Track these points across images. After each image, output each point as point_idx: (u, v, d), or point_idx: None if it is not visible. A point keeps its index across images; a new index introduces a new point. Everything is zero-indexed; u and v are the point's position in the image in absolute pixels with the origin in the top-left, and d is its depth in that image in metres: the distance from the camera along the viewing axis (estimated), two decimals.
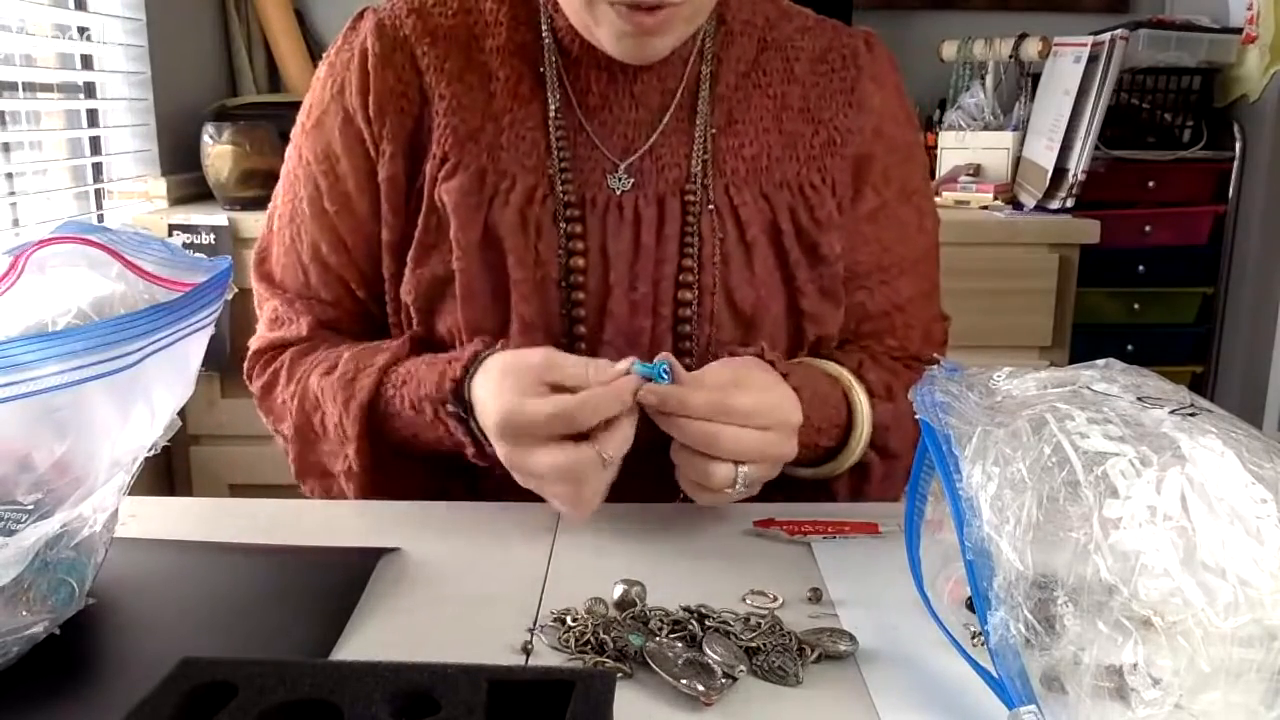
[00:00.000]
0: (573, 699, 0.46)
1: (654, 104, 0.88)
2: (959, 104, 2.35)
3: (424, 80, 0.87)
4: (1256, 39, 2.29)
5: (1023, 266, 2.01)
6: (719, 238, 0.86)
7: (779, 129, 0.89)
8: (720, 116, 0.88)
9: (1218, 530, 0.46)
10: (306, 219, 0.91)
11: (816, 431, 0.82)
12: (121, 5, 2.00)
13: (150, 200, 2.02)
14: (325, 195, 0.90)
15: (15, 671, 0.57)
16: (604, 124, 0.87)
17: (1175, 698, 0.45)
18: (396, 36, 0.88)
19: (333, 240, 0.91)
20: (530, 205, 0.85)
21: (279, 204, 0.95)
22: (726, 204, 0.87)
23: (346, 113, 0.88)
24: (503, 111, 0.86)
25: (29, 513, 0.54)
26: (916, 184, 0.96)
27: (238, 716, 0.45)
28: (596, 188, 0.86)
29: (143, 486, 0.68)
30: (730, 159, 0.88)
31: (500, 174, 0.85)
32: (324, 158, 0.90)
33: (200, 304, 0.60)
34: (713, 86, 0.88)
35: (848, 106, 0.90)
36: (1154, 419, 0.50)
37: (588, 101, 0.87)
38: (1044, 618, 0.46)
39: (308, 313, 0.92)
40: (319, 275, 0.92)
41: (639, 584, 0.64)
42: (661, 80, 0.87)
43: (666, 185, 0.87)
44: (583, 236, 0.85)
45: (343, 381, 0.84)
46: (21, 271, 0.61)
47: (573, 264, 0.85)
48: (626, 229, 0.86)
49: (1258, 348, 2.38)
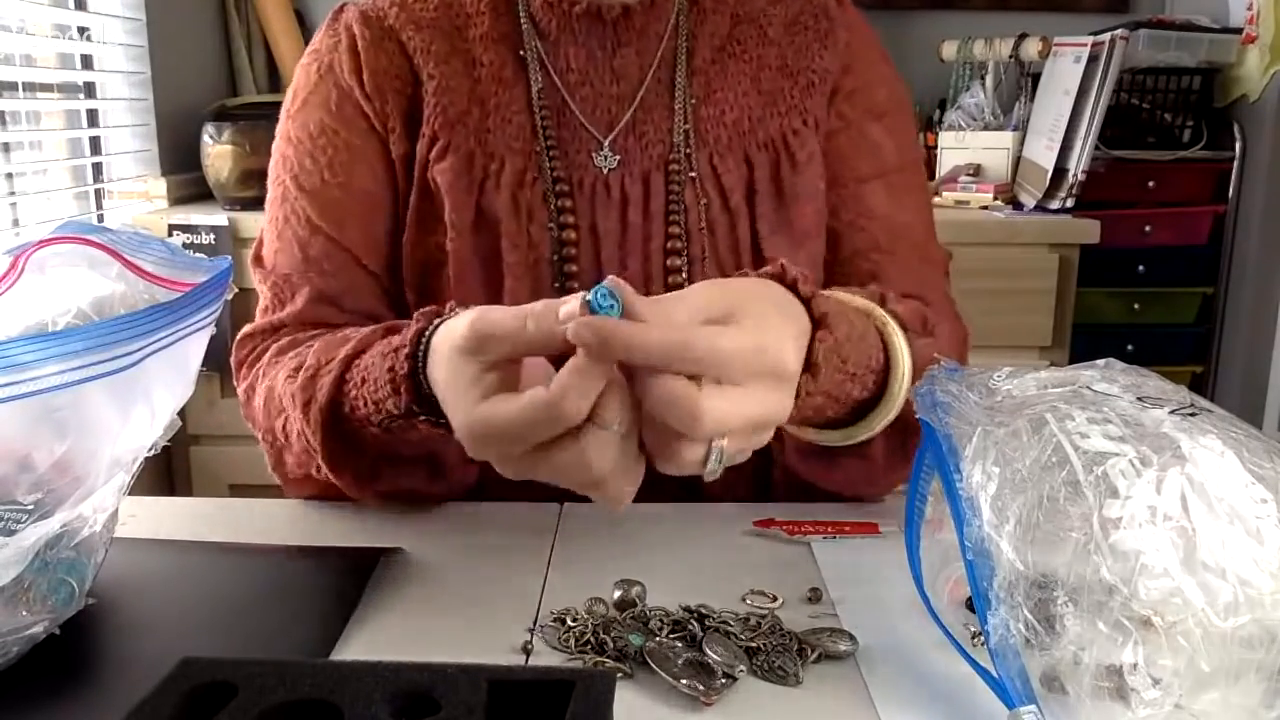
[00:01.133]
0: (573, 699, 0.46)
1: (634, 78, 0.89)
2: (959, 104, 2.35)
3: (413, 62, 0.88)
4: (1256, 39, 2.29)
5: (1023, 266, 2.01)
6: (704, 203, 0.87)
7: (758, 89, 0.90)
8: (699, 89, 0.90)
9: (1218, 530, 0.46)
10: (299, 196, 0.88)
11: (850, 379, 0.66)
12: (121, 5, 2.00)
13: (150, 200, 2.02)
14: (325, 168, 0.88)
15: (15, 671, 0.57)
16: (586, 100, 0.89)
17: (1175, 698, 0.45)
18: (382, 25, 0.89)
19: (334, 211, 0.88)
20: (521, 188, 0.86)
21: (270, 193, 0.92)
22: (710, 172, 0.88)
23: (341, 90, 0.88)
24: (488, 95, 0.88)
25: (29, 513, 0.54)
26: (886, 107, 0.94)
27: (238, 716, 0.45)
28: (583, 169, 0.87)
29: (143, 486, 0.68)
30: (712, 128, 0.89)
31: (489, 156, 0.86)
32: (319, 133, 0.88)
33: (200, 304, 0.60)
34: (689, 61, 0.90)
35: (823, 50, 0.91)
36: (1154, 419, 0.50)
37: (568, 80, 0.89)
38: (1044, 618, 0.46)
39: (306, 285, 0.87)
40: (320, 247, 0.88)
41: (639, 584, 0.64)
42: (640, 55, 0.89)
43: (651, 162, 0.88)
44: (573, 214, 0.86)
45: (304, 379, 0.74)
46: (21, 271, 0.61)
47: (565, 245, 0.86)
48: (614, 208, 0.87)
49: (1258, 348, 2.38)
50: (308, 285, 0.87)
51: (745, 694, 0.56)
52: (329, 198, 0.88)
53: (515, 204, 0.86)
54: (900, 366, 0.69)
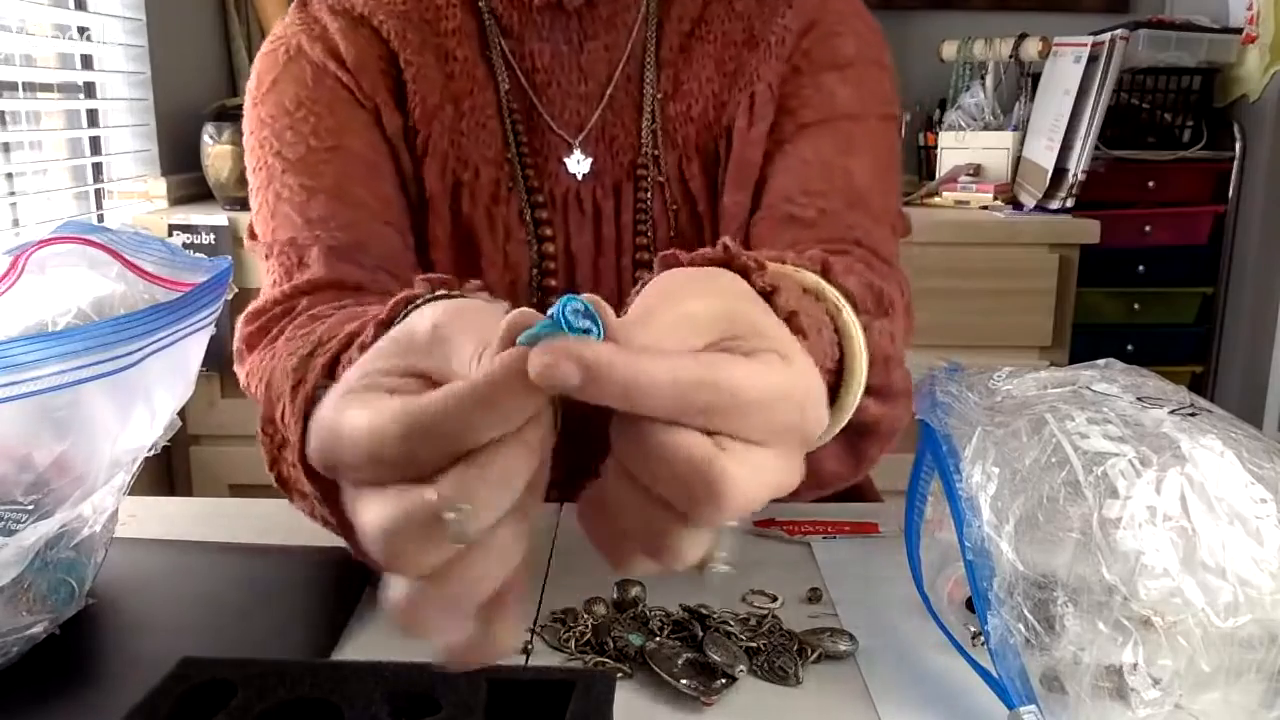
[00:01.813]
0: (573, 699, 0.46)
1: (602, 75, 0.84)
2: (959, 104, 2.35)
3: (390, 46, 0.82)
4: (1256, 39, 2.29)
5: (1023, 266, 2.01)
6: (674, 210, 0.83)
7: (722, 72, 0.84)
8: (666, 83, 0.84)
9: (1218, 530, 0.46)
10: (286, 170, 0.79)
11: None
12: (121, 5, 2.00)
13: (150, 200, 2.02)
14: (309, 135, 0.79)
15: (15, 671, 0.57)
16: (553, 101, 0.84)
17: (1175, 698, 0.45)
18: (352, 14, 0.83)
19: (329, 175, 0.78)
20: (496, 204, 0.82)
21: (252, 182, 0.82)
22: (677, 175, 0.83)
23: (316, 66, 0.81)
24: (462, 94, 0.83)
25: (29, 513, 0.54)
26: (851, 58, 0.84)
27: (238, 716, 0.45)
28: (555, 178, 0.83)
29: (143, 486, 0.68)
30: (681, 126, 0.84)
31: (461, 162, 0.82)
32: (296, 106, 0.80)
33: (200, 304, 0.60)
34: (657, 52, 0.85)
35: (787, 8, 0.84)
36: (1154, 419, 0.50)
37: (535, 80, 0.84)
38: (1044, 618, 0.46)
39: (314, 244, 0.75)
40: (322, 206, 0.77)
41: (639, 584, 0.64)
42: (609, 50, 0.84)
43: (622, 169, 0.84)
44: (550, 226, 0.83)
45: (299, 358, 0.56)
46: (21, 271, 0.61)
47: (544, 259, 0.82)
48: (587, 222, 0.84)
49: (1258, 348, 2.38)
50: (316, 245, 0.75)
51: (745, 694, 0.56)
52: (319, 162, 0.78)
53: (491, 220, 0.82)
54: (857, 374, 0.53)
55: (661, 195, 0.83)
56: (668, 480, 0.35)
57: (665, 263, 0.47)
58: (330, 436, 0.37)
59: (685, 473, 0.34)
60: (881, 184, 0.82)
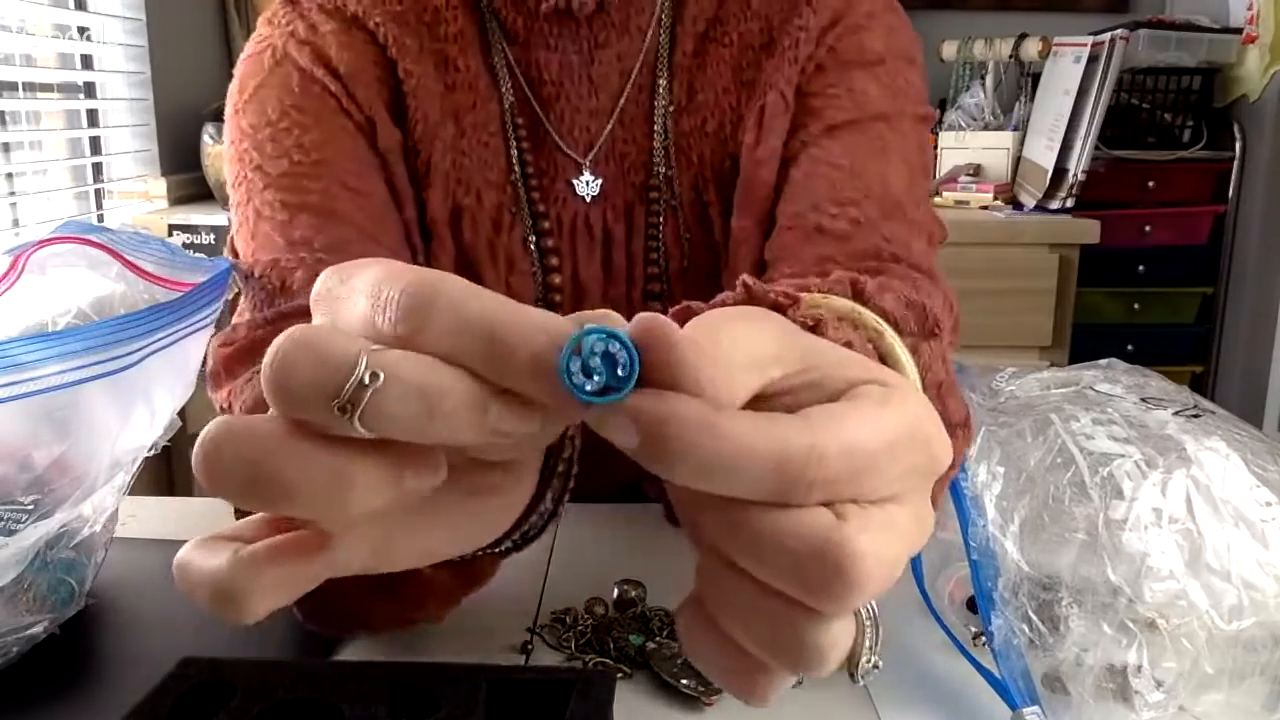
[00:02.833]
0: (573, 699, 0.46)
1: (614, 88, 0.77)
2: (959, 104, 2.36)
3: (388, 53, 0.75)
4: (1256, 39, 2.29)
5: (1023, 266, 2.01)
6: (687, 237, 0.76)
7: (739, 81, 0.77)
8: (680, 92, 0.77)
9: (1223, 533, 0.46)
10: (266, 187, 0.72)
11: None
12: (121, 5, 2.00)
13: (150, 200, 2.02)
14: (292, 149, 0.72)
15: (15, 671, 0.57)
16: (561, 117, 0.77)
17: (1178, 700, 0.45)
18: (345, 15, 0.75)
19: (317, 188, 0.72)
20: (499, 233, 0.76)
21: (232, 198, 0.76)
22: (693, 199, 0.77)
23: (302, 72, 0.74)
24: (463, 109, 0.76)
25: (29, 513, 0.54)
26: (882, 54, 0.77)
27: (238, 716, 0.45)
28: (562, 202, 0.77)
29: (143, 486, 0.68)
30: (695, 143, 0.77)
31: (462, 185, 0.75)
32: (279, 116, 0.73)
33: (200, 304, 0.60)
34: (670, 58, 0.78)
35: (806, 5, 0.76)
36: (1158, 420, 0.50)
37: (542, 93, 0.77)
38: (1048, 618, 0.46)
39: (299, 267, 0.68)
40: (306, 226, 0.70)
41: (639, 584, 0.64)
42: (621, 59, 0.77)
43: (634, 190, 0.77)
44: (556, 255, 0.76)
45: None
46: (21, 271, 0.61)
47: (550, 291, 0.76)
48: (597, 250, 0.77)
49: (1258, 348, 2.38)
50: (301, 268, 0.69)
51: None
52: (302, 177, 0.73)
53: (493, 251, 0.76)
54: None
55: (675, 220, 0.77)
56: (781, 571, 0.29)
57: (679, 319, 0.35)
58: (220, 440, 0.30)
59: (804, 560, 0.28)
60: (917, 190, 0.76)
